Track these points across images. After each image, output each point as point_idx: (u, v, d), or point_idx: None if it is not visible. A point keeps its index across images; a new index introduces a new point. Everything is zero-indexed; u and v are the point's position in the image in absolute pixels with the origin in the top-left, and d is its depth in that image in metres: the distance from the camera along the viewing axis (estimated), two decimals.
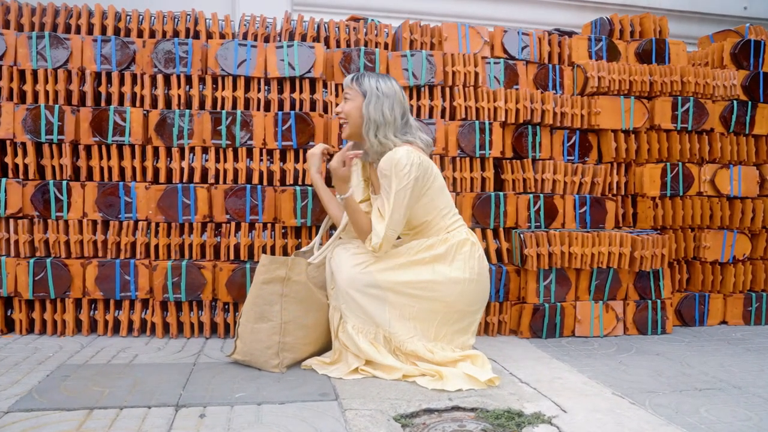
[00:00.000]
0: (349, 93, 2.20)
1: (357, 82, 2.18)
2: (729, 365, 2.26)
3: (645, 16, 3.18)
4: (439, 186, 2.18)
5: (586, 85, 2.90)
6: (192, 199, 2.54)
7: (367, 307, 2.05)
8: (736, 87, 3.03)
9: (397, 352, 2.05)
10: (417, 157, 2.08)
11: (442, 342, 2.09)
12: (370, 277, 2.05)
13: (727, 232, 2.98)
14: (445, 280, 2.08)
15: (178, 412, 1.64)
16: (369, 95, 2.15)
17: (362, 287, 2.05)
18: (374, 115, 2.14)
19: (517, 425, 1.61)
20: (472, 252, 2.15)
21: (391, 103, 2.16)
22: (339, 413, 1.65)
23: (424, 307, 2.07)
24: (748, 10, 5.08)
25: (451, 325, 2.11)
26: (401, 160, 2.04)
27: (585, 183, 2.88)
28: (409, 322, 2.07)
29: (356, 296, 2.04)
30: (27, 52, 2.57)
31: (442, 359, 2.02)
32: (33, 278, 2.45)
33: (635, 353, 2.42)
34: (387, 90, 2.17)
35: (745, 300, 3.01)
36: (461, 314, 2.12)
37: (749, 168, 3.03)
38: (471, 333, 2.18)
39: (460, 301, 2.10)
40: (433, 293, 2.07)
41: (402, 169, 2.04)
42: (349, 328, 2.05)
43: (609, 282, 2.72)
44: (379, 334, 2.05)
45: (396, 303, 2.06)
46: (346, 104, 2.21)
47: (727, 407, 1.78)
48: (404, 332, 2.06)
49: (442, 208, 2.19)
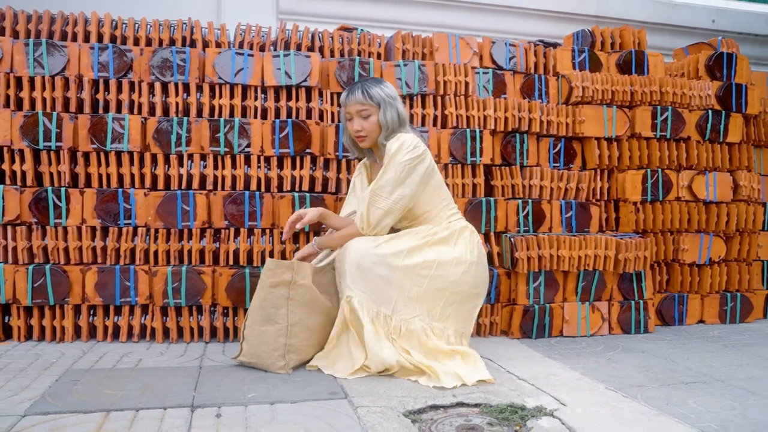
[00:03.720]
0: (367, 109, 2.27)
1: (367, 96, 2.26)
2: (710, 361, 2.38)
3: (624, 29, 3.32)
4: (438, 180, 2.34)
5: (571, 95, 3.02)
6: (191, 206, 2.57)
7: (375, 283, 2.11)
8: (710, 97, 3.19)
9: (393, 335, 2.10)
10: (421, 143, 2.26)
11: (445, 323, 2.18)
12: (380, 257, 2.12)
13: (703, 235, 3.12)
14: (450, 260, 2.20)
15: (194, 412, 1.69)
16: (383, 105, 2.27)
17: (371, 264, 2.11)
18: (391, 122, 2.28)
19: (521, 418, 1.69)
20: (472, 237, 2.30)
21: (399, 103, 2.32)
22: (351, 410, 1.72)
23: (431, 287, 2.16)
24: (716, 23, 5.30)
25: (456, 306, 2.20)
26: (407, 140, 2.22)
27: (570, 189, 2.99)
28: (415, 302, 2.15)
29: (364, 272, 2.10)
30: (24, 59, 2.58)
31: (434, 347, 2.10)
32: (32, 285, 2.46)
33: (622, 351, 2.53)
34: (393, 93, 2.32)
35: (721, 300, 3.15)
36: (465, 295, 2.22)
37: (723, 174, 3.18)
38: (470, 323, 2.27)
39: (464, 281, 2.21)
40: (439, 271, 2.17)
41: (406, 147, 2.20)
42: (355, 303, 2.08)
43: (595, 283, 2.84)
44: (381, 313, 2.11)
45: (403, 284, 2.13)
46: (366, 122, 2.28)
47: (713, 398, 1.90)
48: (408, 312, 2.14)
49: (443, 199, 2.34)
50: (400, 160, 2.19)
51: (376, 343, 2.05)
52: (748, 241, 3.24)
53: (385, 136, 2.29)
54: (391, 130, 2.28)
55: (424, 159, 2.24)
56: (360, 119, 2.29)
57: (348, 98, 2.31)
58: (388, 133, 2.28)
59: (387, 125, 2.27)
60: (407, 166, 2.19)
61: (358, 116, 2.29)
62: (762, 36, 5.42)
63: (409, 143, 2.21)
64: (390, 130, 2.28)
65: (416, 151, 2.21)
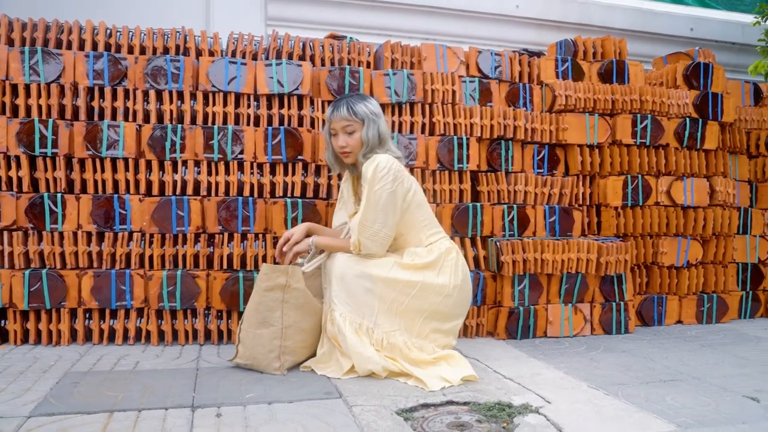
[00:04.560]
0: (351, 125, 2.32)
1: (352, 113, 2.31)
2: (688, 360, 2.49)
3: (606, 39, 3.43)
4: (418, 201, 2.34)
5: (554, 103, 3.12)
6: (185, 211, 2.63)
7: (357, 296, 2.18)
8: (688, 105, 3.31)
9: (377, 346, 2.17)
10: (397, 164, 2.26)
11: (424, 340, 2.24)
12: (363, 269, 2.19)
13: (681, 238, 3.24)
14: (433, 287, 2.23)
15: (195, 412, 1.75)
16: (367, 121, 2.31)
17: (354, 277, 2.18)
18: (372, 139, 2.31)
19: (509, 415, 1.78)
20: (457, 260, 2.32)
21: (383, 121, 2.36)
22: (346, 409, 1.79)
23: (411, 305, 2.21)
24: (694, 31, 5.45)
25: (435, 325, 2.26)
26: (381, 163, 2.22)
27: (554, 194, 3.09)
28: (395, 317, 2.20)
29: (347, 285, 2.18)
30: (19, 66, 2.62)
31: (417, 358, 2.17)
32: (28, 289, 2.50)
33: (603, 351, 2.63)
34: (377, 110, 2.36)
35: (698, 301, 3.27)
36: (445, 316, 2.28)
37: (700, 180, 3.30)
38: (453, 335, 2.34)
39: (446, 304, 2.26)
40: (421, 293, 2.21)
41: (381, 171, 2.21)
42: (336, 316, 2.17)
43: (577, 286, 2.94)
44: (363, 325, 2.17)
45: (385, 297, 2.19)
46: (350, 138, 2.33)
47: (690, 395, 2.00)
48: (389, 326, 2.19)
49: (423, 219, 2.35)
50: (376, 188, 2.20)
51: (361, 349, 2.12)
52: (724, 244, 3.36)
53: (364, 153, 2.32)
54: (370, 148, 2.31)
55: (402, 181, 2.26)
56: (345, 135, 2.33)
57: (333, 114, 2.35)
58: (367, 151, 2.31)
59: (368, 142, 2.31)
60: (386, 192, 2.21)
61: (343, 132, 2.33)
62: (738, 44, 5.58)
63: (383, 166, 2.21)
64: (369, 148, 2.31)
65: (390, 174, 2.21)
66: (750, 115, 3.59)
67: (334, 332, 2.18)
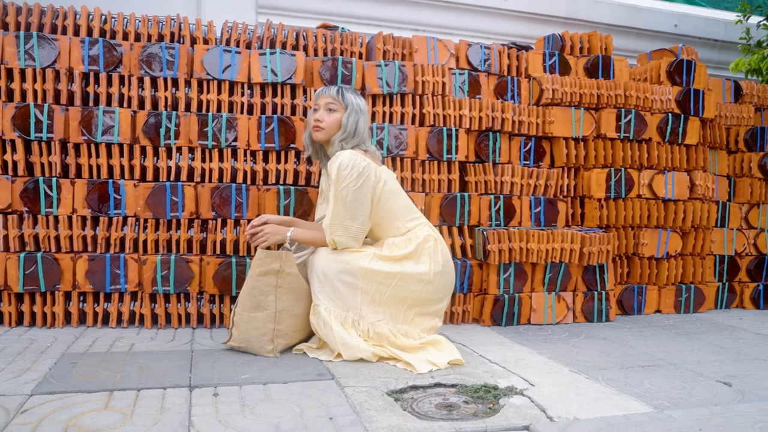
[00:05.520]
0: (335, 104, 2.40)
1: (340, 95, 2.40)
2: (665, 347, 2.59)
3: (593, 34, 3.51)
4: (390, 190, 2.39)
5: (541, 97, 3.20)
6: (179, 197, 2.67)
7: (340, 291, 2.24)
8: (671, 101, 3.40)
9: (364, 336, 2.24)
10: (360, 159, 2.30)
11: (410, 326, 2.31)
12: (344, 265, 2.25)
13: (661, 230, 3.34)
14: (413, 276, 2.28)
15: (192, 392, 1.81)
16: (350, 109, 2.39)
17: (336, 273, 2.25)
18: (350, 127, 2.38)
19: (494, 397, 1.86)
20: (436, 247, 2.37)
21: (365, 119, 2.43)
22: (339, 390, 1.86)
23: (393, 294, 2.27)
24: (678, 27, 5.55)
25: (419, 309, 2.33)
26: (343, 161, 2.27)
27: (539, 185, 3.17)
28: (379, 307, 2.27)
29: (330, 281, 2.24)
30: (14, 51, 2.64)
31: (404, 344, 2.24)
32: (23, 272, 2.53)
33: (585, 338, 2.73)
34: (363, 107, 2.44)
35: (677, 291, 3.39)
36: (429, 301, 2.35)
37: (681, 174, 3.40)
38: (438, 317, 2.41)
39: (427, 290, 2.32)
40: (401, 283, 2.27)
41: (344, 170, 2.26)
42: (321, 310, 2.23)
43: (561, 275, 3.03)
44: (349, 317, 2.24)
45: (367, 289, 2.25)
46: (329, 115, 2.40)
47: (666, 380, 2.09)
48: (374, 316, 2.26)
49: (395, 209, 2.39)
50: (342, 186, 2.25)
51: (348, 340, 2.18)
52: (702, 236, 3.47)
53: (339, 139, 2.37)
54: (346, 136, 2.37)
55: (368, 176, 2.29)
56: (325, 111, 2.41)
57: (322, 91, 2.44)
58: (342, 138, 2.37)
59: (345, 128, 2.37)
60: (351, 189, 2.25)
61: (325, 108, 2.41)
62: (721, 41, 5.69)
63: (346, 164, 2.25)
64: (345, 135, 2.37)
65: (355, 170, 2.25)
66: (730, 112, 3.70)
67: (320, 327, 2.23)
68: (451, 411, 1.76)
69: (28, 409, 1.63)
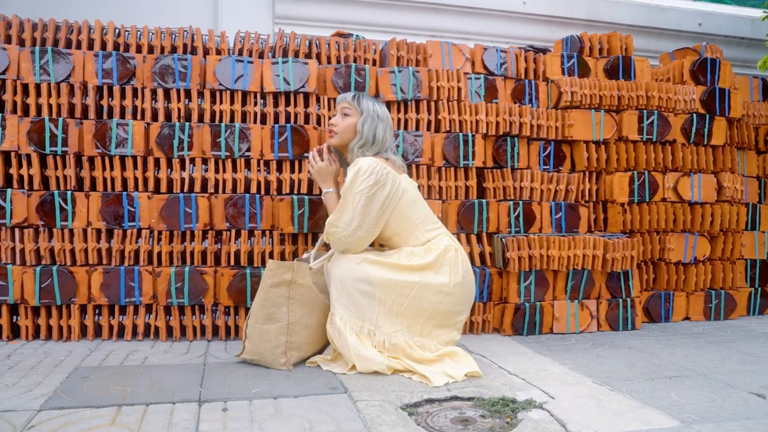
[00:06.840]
0: (349, 109, 2.38)
1: (356, 101, 2.38)
2: (694, 356, 2.48)
3: (612, 35, 3.42)
4: (409, 199, 2.34)
5: (560, 100, 3.12)
6: (193, 208, 2.66)
7: (357, 300, 2.19)
8: (695, 101, 3.30)
9: (380, 348, 2.18)
10: (381, 167, 2.26)
11: (427, 338, 2.24)
12: (362, 273, 2.20)
13: (688, 235, 3.23)
14: (432, 286, 2.23)
15: (201, 406, 1.78)
16: (365, 115, 2.36)
17: (353, 281, 2.19)
18: (367, 133, 2.35)
19: (512, 410, 1.79)
20: (457, 257, 2.31)
21: (384, 126, 2.39)
22: (351, 404, 1.81)
23: (411, 305, 2.21)
24: (702, 26, 5.42)
25: (437, 321, 2.26)
26: (362, 167, 2.24)
27: (560, 190, 3.09)
28: (396, 318, 2.21)
29: (347, 289, 2.19)
30: (30, 66, 2.66)
31: (420, 357, 2.18)
32: (39, 285, 2.54)
33: (609, 347, 2.63)
34: (382, 114, 2.40)
35: (706, 297, 3.26)
36: (448, 313, 2.28)
37: (708, 176, 3.29)
38: (457, 330, 2.35)
39: (447, 302, 2.26)
40: (420, 293, 2.21)
41: (362, 175, 2.22)
42: (336, 320, 2.18)
43: (583, 282, 2.94)
44: (365, 328, 2.19)
45: (385, 299, 2.20)
46: (344, 119, 2.38)
47: (694, 391, 2.00)
48: (390, 327, 2.20)
49: (416, 218, 2.35)
50: (356, 190, 2.22)
51: (363, 351, 2.13)
52: (732, 240, 3.35)
53: (358, 146, 2.35)
54: (363, 142, 2.34)
55: (384, 185, 2.25)
56: (340, 116, 2.40)
57: (339, 98, 2.44)
58: (360, 145, 2.35)
59: (361, 135, 2.35)
60: (365, 195, 2.22)
61: (341, 113, 2.41)
62: (747, 39, 5.54)
63: (365, 170, 2.22)
64: (363, 142, 2.34)
65: (372, 177, 2.22)
66: (758, 111, 3.57)
67: (335, 337, 2.19)
68: (467, 426, 1.69)
69: (35, 425, 1.61)
